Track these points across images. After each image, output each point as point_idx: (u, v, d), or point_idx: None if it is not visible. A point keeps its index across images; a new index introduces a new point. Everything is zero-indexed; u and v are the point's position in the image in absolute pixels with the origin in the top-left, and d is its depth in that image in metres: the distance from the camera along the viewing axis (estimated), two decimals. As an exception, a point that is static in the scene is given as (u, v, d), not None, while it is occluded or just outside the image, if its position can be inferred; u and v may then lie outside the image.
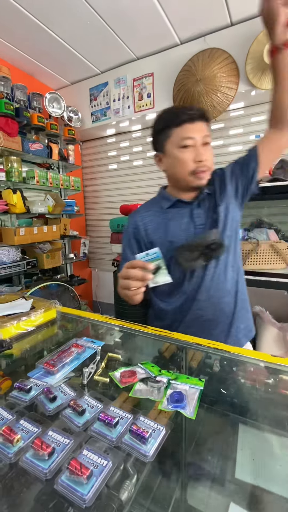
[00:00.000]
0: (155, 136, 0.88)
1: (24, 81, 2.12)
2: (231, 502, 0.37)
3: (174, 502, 0.38)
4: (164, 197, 0.93)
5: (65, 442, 0.43)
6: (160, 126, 0.85)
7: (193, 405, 0.51)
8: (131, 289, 0.67)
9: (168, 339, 0.78)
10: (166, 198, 0.92)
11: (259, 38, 1.67)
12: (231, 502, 0.37)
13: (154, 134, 0.89)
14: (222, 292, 0.86)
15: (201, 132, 0.81)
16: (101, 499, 0.36)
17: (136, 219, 0.94)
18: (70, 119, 2.49)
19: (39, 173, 2.14)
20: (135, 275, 0.66)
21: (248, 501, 0.38)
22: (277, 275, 1.66)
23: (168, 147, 0.84)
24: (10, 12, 1.68)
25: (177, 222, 0.88)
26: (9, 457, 0.41)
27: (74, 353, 0.67)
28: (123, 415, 0.48)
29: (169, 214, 0.90)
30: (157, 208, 0.93)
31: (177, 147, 0.82)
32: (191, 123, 0.80)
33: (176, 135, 0.82)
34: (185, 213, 0.88)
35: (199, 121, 0.81)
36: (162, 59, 2.10)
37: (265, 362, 0.65)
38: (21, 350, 0.78)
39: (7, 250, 1.94)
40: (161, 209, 0.92)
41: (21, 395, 0.54)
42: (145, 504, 0.37)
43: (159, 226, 0.90)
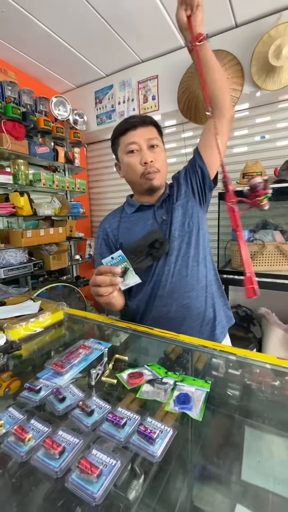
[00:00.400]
0: (111, 147, 0.96)
1: (31, 86, 2.15)
2: (237, 504, 0.38)
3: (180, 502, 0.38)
4: (129, 203, 0.99)
5: (75, 441, 0.44)
6: (112, 137, 0.93)
7: (200, 407, 0.52)
8: (103, 296, 0.70)
9: (174, 341, 0.79)
10: (131, 204, 0.98)
11: (264, 39, 1.66)
12: (237, 504, 0.38)
13: (111, 146, 0.97)
14: (185, 287, 0.88)
15: (144, 136, 0.86)
16: (110, 498, 0.37)
17: (105, 225, 1.00)
18: (75, 122, 2.52)
19: (45, 176, 2.17)
20: (103, 281, 0.68)
21: (254, 503, 0.38)
22: (283, 277, 1.65)
23: (120, 155, 0.91)
24: (18, 18, 1.72)
25: (143, 224, 0.92)
26: (21, 456, 0.42)
27: (82, 355, 0.69)
28: (131, 416, 0.49)
29: (134, 218, 0.95)
30: (123, 214, 0.99)
31: (125, 153, 0.89)
32: (134, 129, 0.87)
33: (122, 143, 0.89)
34: (149, 215, 0.93)
35: (142, 127, 0.87)
36: (167, 62, 2.11)
37: (271, 364, 0.65)
38: (29, 351, 0.80)
39: (15, 252, 1.97)
40: (127, 214, 0.97)
41: (31, 395, 0.55)
42: (152, 503, 0.38)
43: (126, 230, 0.94)
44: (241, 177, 1.84)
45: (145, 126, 0.87)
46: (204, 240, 0.94)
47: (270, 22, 1.68)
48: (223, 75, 0.85)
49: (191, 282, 0.88)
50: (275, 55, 1.59)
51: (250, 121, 2.07)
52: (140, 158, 0.86)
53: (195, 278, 0.89)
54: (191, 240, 0.89)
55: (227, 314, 0.98)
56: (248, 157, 2.04)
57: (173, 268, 0.88)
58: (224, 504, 0.39)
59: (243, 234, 1.75)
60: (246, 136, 2.10)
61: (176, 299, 0.88)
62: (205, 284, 0.91)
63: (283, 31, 1.60)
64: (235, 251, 1.80)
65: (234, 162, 2.13)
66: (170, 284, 0.88)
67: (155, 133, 0.90)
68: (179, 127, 2.36)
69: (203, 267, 0.91)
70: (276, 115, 1.98)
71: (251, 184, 0.61)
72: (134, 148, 0.86)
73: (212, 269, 0.96)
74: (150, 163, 0.85)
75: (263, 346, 1.86)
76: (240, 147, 2.14)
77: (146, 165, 0.86)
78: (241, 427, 0.51)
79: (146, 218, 0.93)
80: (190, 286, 0.88)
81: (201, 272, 0.90)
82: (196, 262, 0.89)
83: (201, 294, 0.90)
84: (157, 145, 0.88)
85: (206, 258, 0.93)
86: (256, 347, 1.85)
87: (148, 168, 0.86)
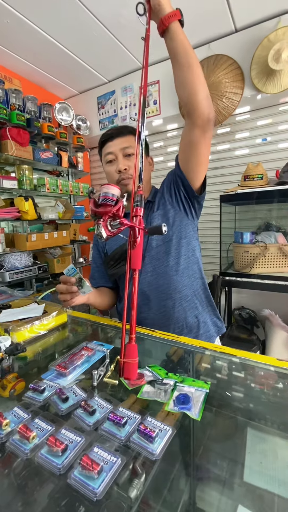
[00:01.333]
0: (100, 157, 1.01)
1: (35, 92, 2.20)
2: (239, 505, 0.38)
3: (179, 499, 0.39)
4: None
5: (77, 440, 0.45)
6: (99, 148, 0.98)
7: (199, 407, 0.53)
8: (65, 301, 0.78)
9: (175, 343, 0.80)
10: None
11: (263, 43, 1.68)
12: (239, 505, 0.38)
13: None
14: (160, 296, 0.88)
15: (119, 146, 0.91)
16: (111, 493, 0.38)
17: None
18: (78, 127, 2.56)
19: (49, 181, 2.21)
20: (60, 289, 0.78)
21: (256, 504, 0.38)
22: (286, 279, 1.65)
23: (103, 165, 0.98)
24: (22, 28, 1.76)
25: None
26: (25, 453, 0.44)
27: (85, 356, 0.70)
28: (131, 415, 0.50)
29: None
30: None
31: (105, 163, 0.95)
32: (111, 140, 0.92)
33: (103, 153, 0.95)
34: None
35: (119, 137, 0.91)
36: (168, 67, 2.11)
37: (271, 365, 0.66)
38: (34, 352, 0.82)
39: (20, 255, 2.00)
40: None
41: (36, 395, 0.57)
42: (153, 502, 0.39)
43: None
44: (243, 179, 1.85)
45: (122, 136, 0.91)
46: (187, 249, 0.91)
47: (269, 27, 1.70)
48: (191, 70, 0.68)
49: (166, 292, 0.87)
50: (274, 59, 1.60)
51: (251, 123, 2.08)
52: (115, 167, 0.91)
53: (172, 288, 0.87)
54: (170, 250, 0.88)
55: (215, 323, 0.96)
56: (250, 160, 2.05)
57: (149, 276, 0.88)
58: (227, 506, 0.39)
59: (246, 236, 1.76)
60: (248, 138, 2.11)
61: (151, 307, 0.89)
62: (185, 294, 0.89)
63: (282, 35, 1.61)
64: (237, 253, 1.81)
65: (236, 165, 2.14)
66: (146, 292, 0.89)
67: (133, 141, 0.90)
68: (180, 131, 2.38)
69: (185, 277, 0.89)
70: (277, 117, 1.99)
71: None
72: (111, 158, 0.92)
73: (199, 278, 0.94)
74: (124, 171, 0.90)
75: (267, 348, 1.86)
76: (242, 149, 2.15)
77: (120, 173, 0.90)
78: (243, 428, 0.51)
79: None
80: (165, 295, 0.87)
81: (180, 282, 0.88)
82: (175, 272, 0.88)
83: (180, 303, 0.88)
84: (131, 153, 0.91)
85: (190, 268, 0.91)
86: (259, 349, 1.84)
87: (122, 175, 0.90)
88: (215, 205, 2.06)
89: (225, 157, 2.21)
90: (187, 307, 0.89)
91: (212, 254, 2.19)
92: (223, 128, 2.19)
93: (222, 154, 2.23)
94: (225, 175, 2.19)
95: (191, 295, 0.90)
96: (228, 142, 2.19)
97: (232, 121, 2.12)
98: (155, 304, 0.89)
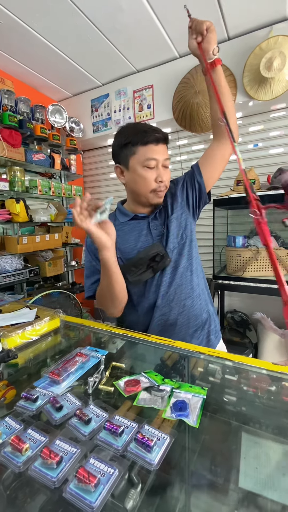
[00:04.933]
0: (118, 148, 0.90)
1: (28, 94, 2.17)
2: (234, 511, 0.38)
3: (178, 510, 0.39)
4: (121, 211, 0.98)
5: (72, 451, 0.44)
6: (125, 140, 0.86)
7: (196, 414, 0.52)
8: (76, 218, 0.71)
9: (170, 347, 0.79)
10: (123, 213, 0.97)
11: (255, 52, 1.72)
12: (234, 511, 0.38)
13: (117, 146, 0.90)
14: (181, 296, 0.91)
15: (163, 155, 0.87)
16: (108, 507, 0.37)
17: None
18: (72, 129, 2.54)
19: (41, 183, 2.18)
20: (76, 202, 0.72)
21: (252, 510, 0.38)
22: (278, 282, 1.67)
23: (132, 163, 0.87)
24: (15, 29, 1.75)
25: (137, 234, 0.93)
26: (18, 466, 0.42)
27: (79, 362, 0.69)
28: (128, 423, 0.49)
29: (128, 227, 0.95)
30: (116, 222, 0.97)
31: (141, 165, 0.85)
32: (156, 144, 0.85)
33: (141, 154, 0.85)
34: (143, 226, 0.94)
35: (162, 143, 0.87)
36: (162, 72, 2.15)
37: (266, 370, 0.66)
38: (25, 359, 0.80)
39: (10, 258, 1.96)
40: (120, 223, 0.97)
41: (28, 404, 0.55)
42: (151, 512, 0.38)
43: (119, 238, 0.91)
44: (235, 184, 1.87)
45: (163, 143, 0.88)
46: (195, 251, 0.97)
47: (261, 36, 1.74)
48: (230, 100, 0.89)
49: (186, 291, 0.92)
50: (266, 67, 1.64)
51: (243, 129, 2.12)
52: (156, 175, 0.86)
53: (190, 287, 0.93)
54: (184, 251, 0.92)
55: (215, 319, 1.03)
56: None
57: (169, 278, 0.91)
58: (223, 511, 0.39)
59: (238, 239, 1.77)
60: (240, 144, 2.15)
61: (173, 308, 0.91)
62: (199, 292, 0.95)
63: (274, 44, 1.65)
64: (230, 256, 1.82)
65: (228, 170, 2.17)
66: (168, 294, 0.90)
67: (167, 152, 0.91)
68: (174, 135, 2.40)
69: (196, 276, 0.95)
70: (269, 124, 2.03)
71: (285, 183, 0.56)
72: (153, 164, 0.85)
73: (202, 277, 1.00)
74: (163, 183, 0.87)
75: (259, 351, 1.87)
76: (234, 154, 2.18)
77: (160, 183, 0.87)
78: (238, 433, 0.51)
79: (140, 228, 0.94)
80: (185, 295, 0.92)
81: (194, 281, 0.94)
82: (190, 272, 0.93)
83: (196, 302, 0.94)
84: (168, 165, 0.90)
85: (198, 268, 0.97)
86: (252, 352, 1.86)
87: (161, 187, 0.88)
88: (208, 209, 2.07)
89: (217, 162, 2.24)
90: (201, 304, 0.95)
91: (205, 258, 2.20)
92: (216, 133, 2.22)
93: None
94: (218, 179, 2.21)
95: (202, 292, 0.97)
96: (221, 147, 2.22)
97: (224, 126, 2.15)
98: (176, 304, 0.91)
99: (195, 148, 2.34)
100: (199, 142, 2.32)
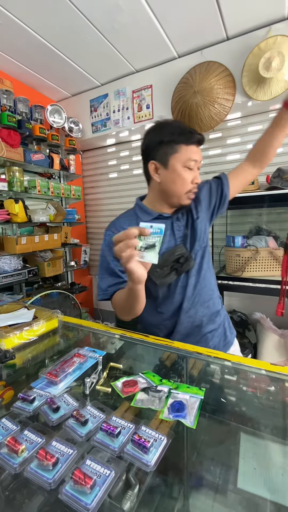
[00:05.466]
0: (157, 144, 0.86)
1: (27, 94, 2.17)
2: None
3: None
4: (143, 210, 0.93)
5: (69, 452, 0.43)
6: (169, 138, 0.83)
7: (194, 415, 0.52)
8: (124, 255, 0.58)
9: (169, 348, 0.79)
10: (146, 211, 0.92)
11: (254, 51, 1.71)
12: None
13: (155, 142, 0.86)
14: (205, 297, 0.93)
15: (200, 157, 0.87)
16: (104, 509, 0.36)
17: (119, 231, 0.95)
18: (71, 129, 2.54)
19: (40, 183, 2.18)
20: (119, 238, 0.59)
21: (250, 511, 0.38)
22: (277, 282, 1.67)
23: (173, 162, 0.83)
24: (14, 30, 1.74)
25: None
26: (14, 468, 0.42)
27: (76, 363, 0.69)
28: (125, 424, 0.49)
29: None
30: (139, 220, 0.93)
31: (182, 165, 0.83)
32: (197, 146, 0.85)
33: (184, 154, 0.82)
34: (167, 227, 0.91)
35: (200, 146, 0.87)
36: (161, 72, 2.15)
37: (265, 370, 0.66)
38: (23, 360, 0.79)
39: (9, 259, 1.96)
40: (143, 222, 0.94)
41: (25, 405, 0.55)
42: (147, 513, 0.38)
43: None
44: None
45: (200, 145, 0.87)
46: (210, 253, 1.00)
47: (260, 35, 1.74)
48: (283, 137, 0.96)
49: (208, 293, 0.94)
50: (265, 67, 1.64)
51: (242, 129, 2.12)
52: (193, 176, 0.85)
53: (210, 288, 0.95)
54: (205, 254, 0.94)
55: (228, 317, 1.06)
56: (241, 165, 2.07)
57: (194, 280, 0.91)
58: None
59: (237, 239, 1.77)
60: (239, 144, 2.15)
61: (198, 310, 0.92)
62: (217, 293, 0.99)
63: (273, 44, 1.65)
64: (229, 257, 1.82)
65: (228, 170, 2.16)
66: (193, 296, 0.91)
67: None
68: (173, 135, 2.40)
69: (213, 278, 0.99)
70: (268, 124, 2.02)
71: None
72: (193, 166, 0.84)
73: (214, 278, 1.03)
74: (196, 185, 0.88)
75: (258, 351, 1.87)
76: (233, 154, 2.18)
77: (196, 184, 0.87)
78: (236, 434, 0.51)
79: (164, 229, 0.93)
80: (208, 296, 0.94)
81: (212, 283, 0.97)
82: (210, 273, 0.96)
83: (216, 301, 0.97)
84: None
85: (212, 270, 1.00)
86: (251, 352, 1.85)
87: (195, 188, 0.87)
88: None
89: (217, 161, 2.24)
90: (219, 304, 0.99)
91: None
92: (215, 134, 2.22)
93: (214, 159, 2.25)
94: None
95: (217, 292, 1.01)
96: (220, 147, 2.22)
97: (223, 126, 2.15)
98: (201, 306, 0.92)
99: (194, 148, 2.34)
100: (198, 142, 2.31)
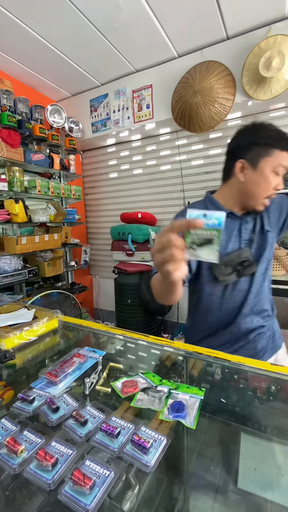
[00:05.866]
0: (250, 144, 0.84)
1: (27, 94, 2.17)
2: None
3: (175, 512, 0.38)
4: (214, 204, 0.94)
5: (68, 452, 0.43)
6: (265, 140, 0.82)
7: (194, 415, 0.52)
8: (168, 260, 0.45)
9: (168, 348, 0.79)
10: (217, 206, 0.93)
11: (254, 51, 1.71)
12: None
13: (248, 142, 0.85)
14: (263, 304, 0.94)
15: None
16: (103, 510, 0.36)
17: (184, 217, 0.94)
18: (71, 129, 2.54)
19: (40, 183, 2.18)
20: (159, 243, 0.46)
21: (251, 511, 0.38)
22: (277, 282, 1.67)
23: (263, 165, 0.83)
24: (14, 30, 1.74)
25: (228, 232, 0.91)
26: (13, 468, 0.41)
27: (76, 363, 0.68)
28: (125, 425, 0.49)
29: None
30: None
31: (271, 169, 0.82)
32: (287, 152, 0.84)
33: (276, 158, 0.82)
34: (235, 226, 0.92)
35: None
36: (161, 72, 2.15)
37: (265, 370, 0.66)
38: (23, 360, 0.79)
39: (9, 259, 1.96)
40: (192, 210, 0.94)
41: (25, 405, 0.55)
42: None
43: None
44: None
45: None
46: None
47: (260, 35, 1.74)
48: None
49: (266, 301, 0.95)
50: (265, 67, 1.63)
51: (242, 129, 2.12)
52: (277, 183, 0.84)
53: (267, 296, 0.96)
54: (269, 266, 0.95)
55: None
56: (241, 164, 2.07)
57: (258, 287, 0.92)
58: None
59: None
60: (239, 143, 2.14)
61: (256, 315, 0.93)
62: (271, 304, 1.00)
63: (273, 44, 1.65)
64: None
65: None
66: (254, 301, 0.91)
67: None
68: (173, 135, 2.40)
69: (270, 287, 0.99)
70: (268, 123, 2.02)
71: None
72: (281, 172, 0.83)
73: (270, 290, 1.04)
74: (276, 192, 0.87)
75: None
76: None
77: (276, 191, 0.86)
78: (236, 434, 0.51)
79: (232, 228, 0.92)
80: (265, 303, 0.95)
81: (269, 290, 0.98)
82: (268, 283, 0.96)
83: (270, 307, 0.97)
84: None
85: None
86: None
87: (274, 195, 0.86)
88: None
89: (217, 161, 2.24)
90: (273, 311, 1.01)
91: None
92: (215, 133, 2.22)
93: (215, 159, 2.25)
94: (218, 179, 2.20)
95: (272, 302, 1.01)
96: (220, 147, 2.21)
97: (224, 126, 2.15)
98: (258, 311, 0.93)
99: (194, 148, 2.34)
100: (198, 142, 2.31)
